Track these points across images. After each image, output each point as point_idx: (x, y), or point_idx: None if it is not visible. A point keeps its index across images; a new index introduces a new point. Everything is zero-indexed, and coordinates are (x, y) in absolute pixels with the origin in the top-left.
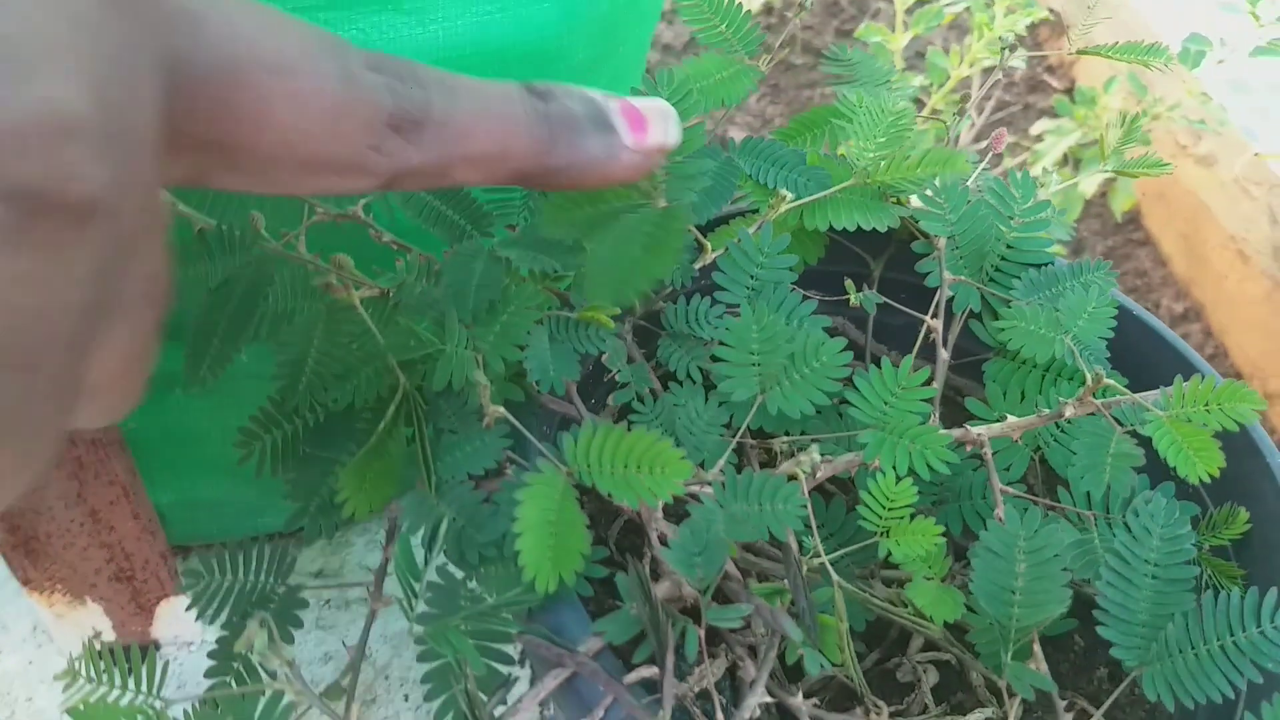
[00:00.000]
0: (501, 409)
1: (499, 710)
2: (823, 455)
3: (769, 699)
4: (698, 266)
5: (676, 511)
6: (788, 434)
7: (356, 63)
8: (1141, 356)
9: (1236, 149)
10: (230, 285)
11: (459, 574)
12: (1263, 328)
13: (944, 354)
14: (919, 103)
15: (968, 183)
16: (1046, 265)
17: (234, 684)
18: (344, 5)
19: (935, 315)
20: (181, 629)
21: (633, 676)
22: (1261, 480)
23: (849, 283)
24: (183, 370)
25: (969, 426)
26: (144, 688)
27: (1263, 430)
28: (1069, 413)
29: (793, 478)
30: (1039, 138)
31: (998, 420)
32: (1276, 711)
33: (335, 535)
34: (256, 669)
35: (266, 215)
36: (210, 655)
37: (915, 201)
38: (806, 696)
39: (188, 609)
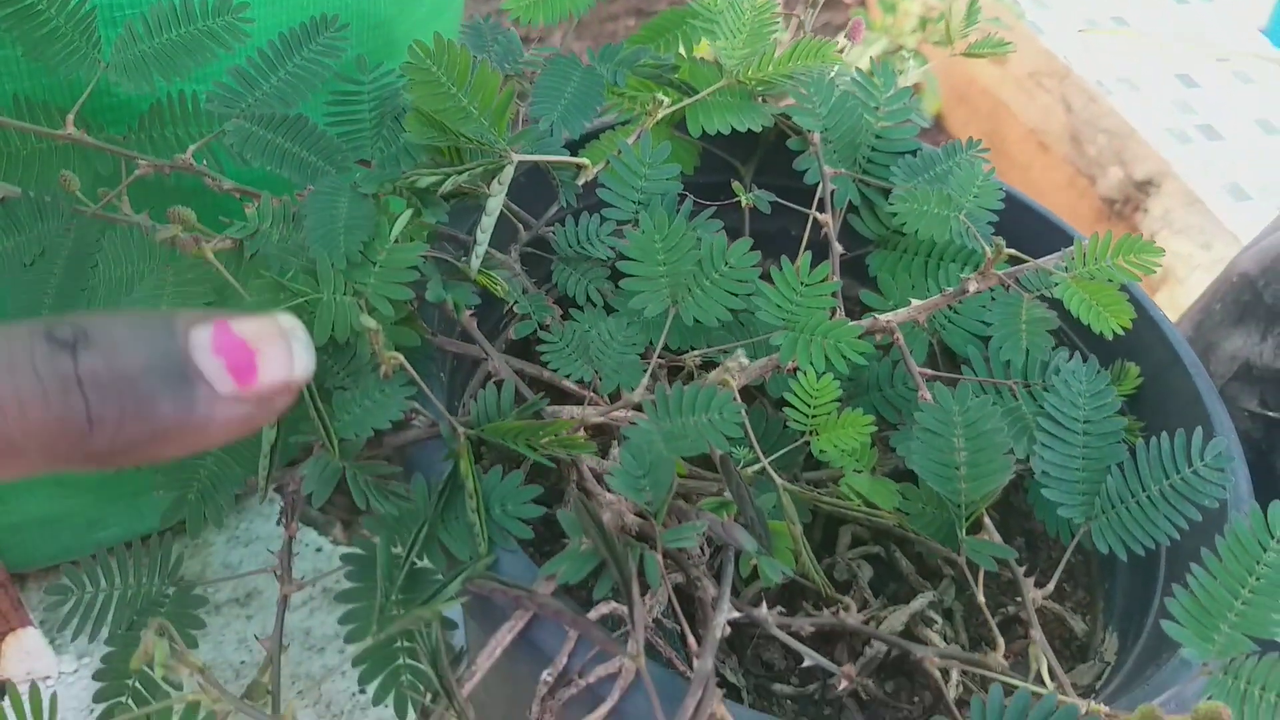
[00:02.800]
0: (399, 356)
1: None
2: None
3: (736, 614)
4: (580, 184)
5: (601, 442)
6: (694, 349)
7: None
8: (1014, 230)
9: (1026, 43)
10: (49, 257)
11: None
12: (1069, 211)
13: (838, 246)
14: None
15: (830, 76)
16: (917, 151)
17: (133, 704)
18: None
19: (822, 210)
20: (34, 664)
21: (597, 612)
22: (1147, 333)
23: (736, 185)
24: None
25: (876, 315)
26: None
27: (1140, 288)
28: (973, 287)
29: (724, 385)
30: (842, 50)
31: (898, 307)
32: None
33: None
34: (156, 684)
35: (81, 176)
36: (97, 677)
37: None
38: (753, 605)
39: (61, 628)
